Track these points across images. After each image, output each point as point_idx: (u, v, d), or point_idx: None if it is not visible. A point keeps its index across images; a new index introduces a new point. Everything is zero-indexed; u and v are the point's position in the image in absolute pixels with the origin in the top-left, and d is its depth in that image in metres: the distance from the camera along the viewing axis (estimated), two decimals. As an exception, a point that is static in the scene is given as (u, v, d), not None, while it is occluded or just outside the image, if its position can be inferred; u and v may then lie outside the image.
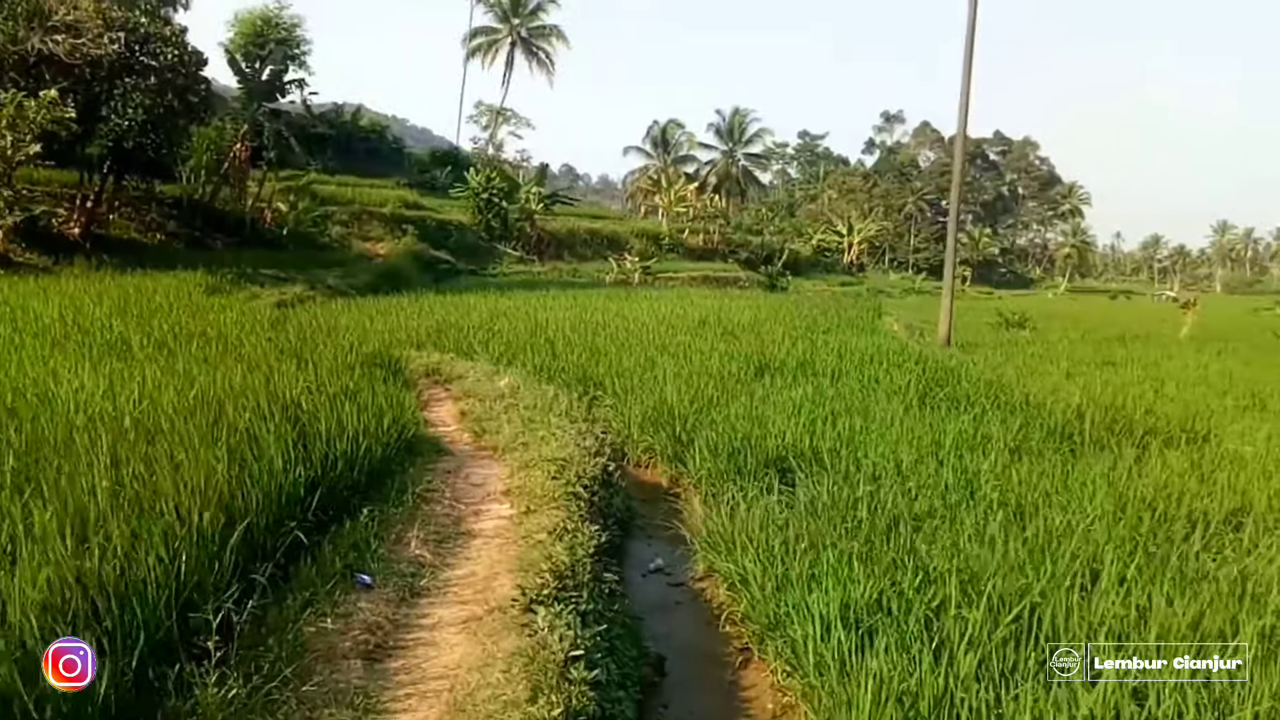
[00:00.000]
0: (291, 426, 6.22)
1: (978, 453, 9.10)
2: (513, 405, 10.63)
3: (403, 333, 16.86)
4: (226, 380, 7.32)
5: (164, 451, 5.19)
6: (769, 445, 8.94)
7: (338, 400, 7.38)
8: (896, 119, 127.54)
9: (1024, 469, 8.32)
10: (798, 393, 11.54)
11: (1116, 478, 8.14)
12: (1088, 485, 7.83)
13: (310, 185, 35.93)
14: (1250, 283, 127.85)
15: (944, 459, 8.81)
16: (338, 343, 11.28)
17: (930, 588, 5.31)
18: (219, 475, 4.88)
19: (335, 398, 7.49)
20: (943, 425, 10.10)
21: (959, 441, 9.38)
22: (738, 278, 49.81)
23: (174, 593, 3.83)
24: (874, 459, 8.61)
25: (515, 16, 61.67)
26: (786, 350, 15.39)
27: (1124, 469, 8.47)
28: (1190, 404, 12.36)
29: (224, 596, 4.09)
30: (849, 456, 8.75)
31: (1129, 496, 7.49)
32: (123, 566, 3.76)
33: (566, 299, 25.19)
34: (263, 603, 4.39)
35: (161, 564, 3.87)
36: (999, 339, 23.68)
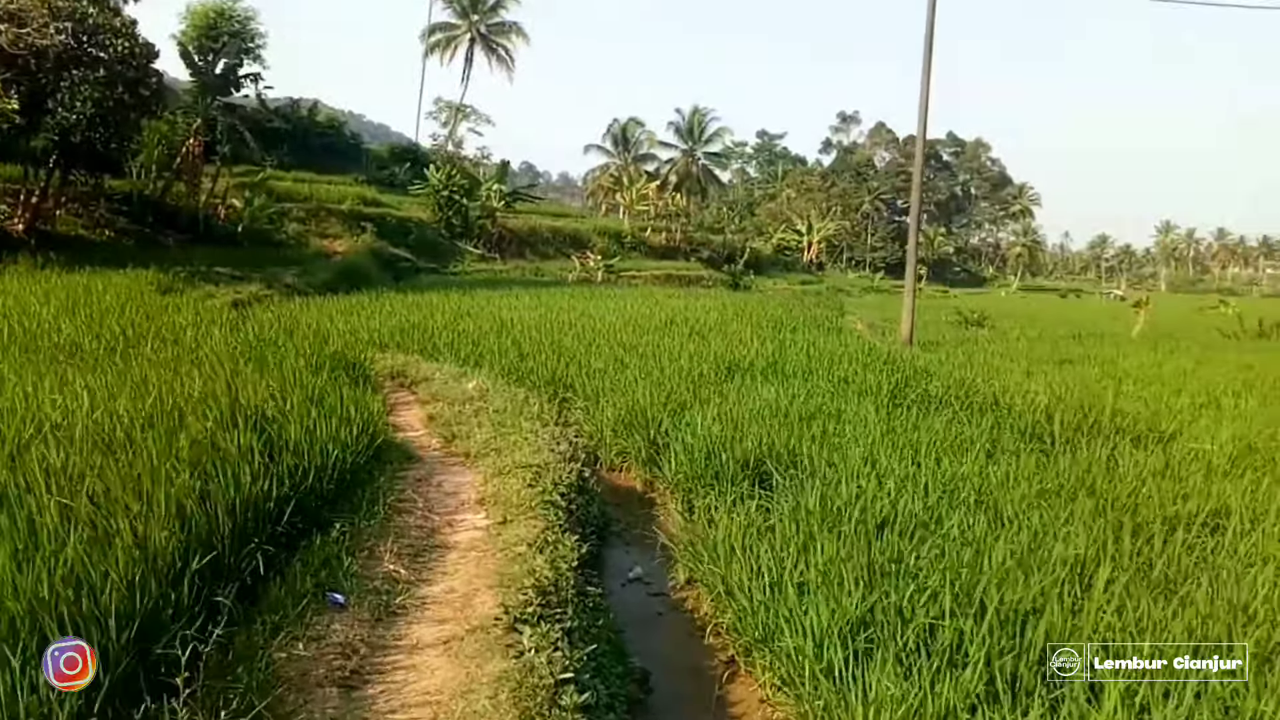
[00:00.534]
0: (257, 436, 5.92)
1: (954, 455, 9.05)
2: (482, 409, 10.37)
3: (365, 333, 16.47)
4: (186, 386, 6.99)
5: (121, 466, 4.88)
6: (745, 448, 8.77)
7: (304, 406, 7.08)
8: (852, 120, 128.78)
9: (1001, 471, 8.24)
10: (770, 393, 11.40)
11: (1091, 479, 8.10)
12: (1066, 487, 7.78)
13: (266, 181, 35.17)
14: (1193, 281, 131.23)
15: (921, 461, 8.74)
16: (299, 345, 10.91)
17: (923, 595, 5.18)
18: (180, 491, 4.59)
19: (301, 404, 7.19)
20: (916, 426, 10.02)
21: (935, 443, 9.30)
22: (700, 276, 49.72)
23: (134, 624, 3.55)
24: (852, 462, 8.49)
25: (474, 13, 61.00)
26: (755, 350, 15.26)
27: (1099, 470, 8.44)
28: (1151, 403, 12.44)
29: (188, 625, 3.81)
30: (827, 459, 8.63)
31: (1107, 499, 7.44)
32: (77, 597, 3.48)
33: (531, 298, 24.86)
34: (229, 630, 4.11)
35: (119, 593, 3.58)
36: (959, 337, 23.87)
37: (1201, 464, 8.96)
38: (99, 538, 3.97)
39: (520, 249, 47.08)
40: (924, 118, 21.49)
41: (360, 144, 55.94)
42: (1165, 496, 7.46)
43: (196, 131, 30.03)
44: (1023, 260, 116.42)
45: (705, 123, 76.04)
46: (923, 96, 21.17)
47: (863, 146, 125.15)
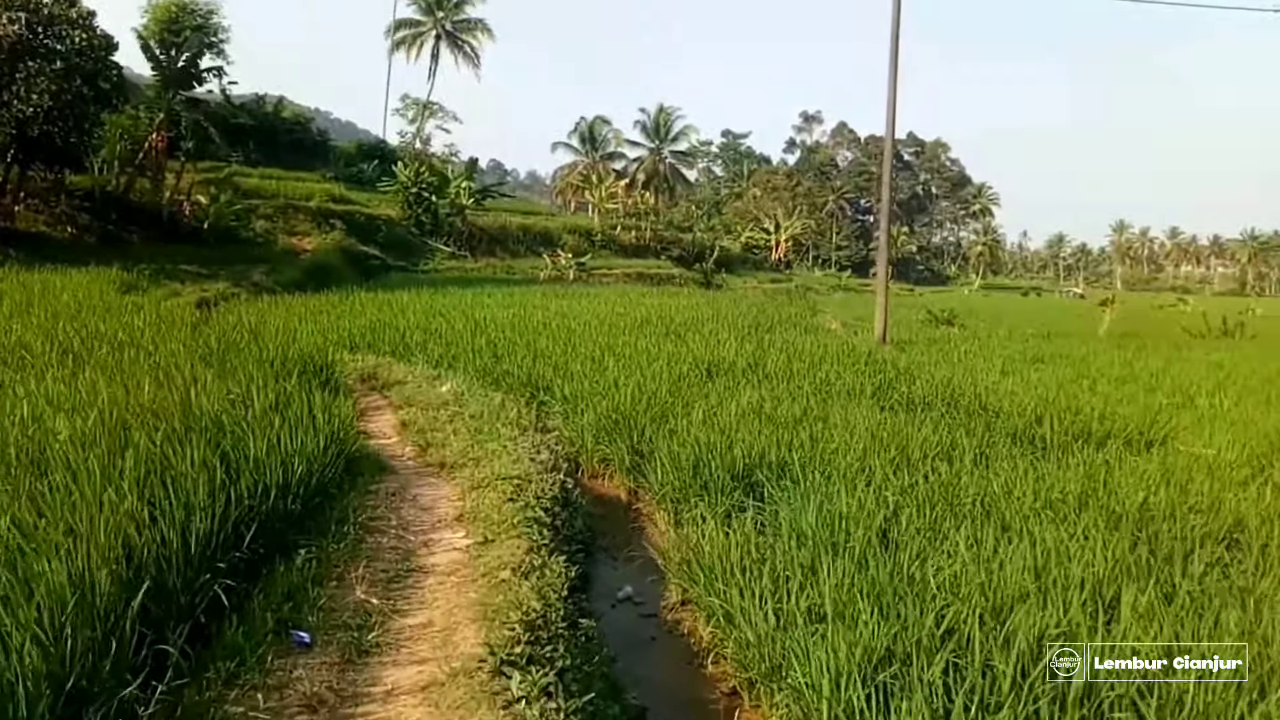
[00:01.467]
0: (213, 451, 5.41)
1: (948, 460, 8.72)
2: (458, 414, 9.90)
3: (335, 334, 15.90)
4: (137, 395, 6.44)
5: (58, 488, 4.36)
6: (734, 455, 8.36)
7: (267, 416, 6.57)
8: (815, 119, 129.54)
9: (1000, 479, 7.90)
10: (753, 397, 11.00)
11: (1094, 486, 7.78)
12: (1069, 496, 7.45)
13: (232, 177, 34.33)
14: (1147, 280, 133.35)
15: (915, 467, 8.39)
16: (265, 347, 10.33)
17: (944, 624, 4.79)
18: (124, 518, 4.08)
19: (265, 413, 6.68)
20: (905, 431, 9.64)
21: (926, 449, 8.95)
22: (671, 275, 49.29)
23: (63, 689, 3.04)
24: (844, 469, 8.12)
25: (440, 9, 60.24)
26: (735, 351, 14.86)
27: (1099, 477, 8.12)
28: (1127, 403, 12.23)
29: (130, 678, 3.31)
30: (819, 467, 8.26)
31: (1116, 510, 7.11)
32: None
33: (503, 297, 24.34)
34: (178, 682, 3.61)
35: (42, 647, 3.08)
36: (931, 336, 23.63)
37: (1202, 470, 8.68)
38: (19, 580, 3.44)
39: (491, 247, 46.39)
40: (892, 119, 21.27)
41: (327, 141, 54.93)
42: (1176, 508, 7.14)
43: (159, 126, 29.11)
44: (984, 259, 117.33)
45: (671, 121, 75.78)
46: (890, 98, 20.92)
47: (826, 146, 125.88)
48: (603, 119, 74.74)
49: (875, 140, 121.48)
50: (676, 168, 77.82)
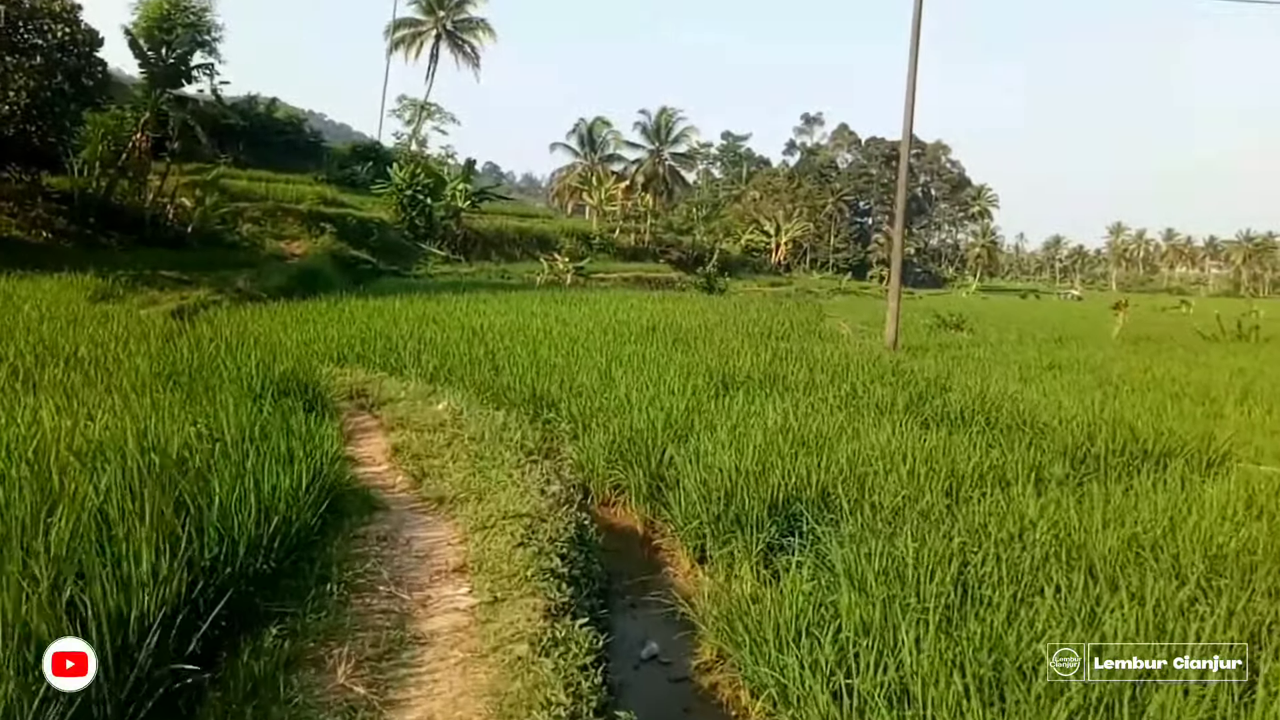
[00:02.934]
0: (171, 499, 4.49)
1: (1002, 485, 7.85)
2: (456, 436, 8.99)
3: (321, 344, 14.98)
4: (84, 427, 5.51)
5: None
6: (770, 483, 7.45)
7: (240, 449, 5.64)
8: (815, 121, 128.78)
9: (1068, 509, 7.01)
10: (777, 412, 10.10)
11: (1178, 517, 6.89)
12: (1157, 531, 6.55)
13: (219, 179, 33.24)
14: (1143, 281, 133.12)
15: (969, 495, 7.52)
16: (242, 362, 9.39)
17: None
18: (40, 607, 3.16)
19: (237, 445, 5.75)
20: (949, 450, 8.75)
21: (979, 473, 8.07)
22: (671, 279, 48.43)
23: None
24: (892, 498, 7.24)
25: (441, 9, 59.44)
26: (749, 360, 13.96)
27: (1180, 507, 7.22)
28: (1174, 415, 11.41)
29: None
30: (864, 496, 7.38)
31: (1211, 550, 6.21)
32: None
33: (500, 302, 23.41)
34: None
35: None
36: (942, 341, 22.79)
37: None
38: None
39: (486, 250, 45.45)
40: (909, 125, 20.39)
41: (321, 142, 53.89)
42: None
43: (144, 125, 28.09)
44: (982, 261, 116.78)
45: (673, 123, 75.12)
46: (908, 103, 20.06)
47: (826, 148, 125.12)
48: (603, 120, 73.88)
49: (876, 142, 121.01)
50: (676, 170, 77.10)
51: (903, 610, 5.00)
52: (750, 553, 6.99)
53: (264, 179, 38.64)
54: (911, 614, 4.93)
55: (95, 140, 25.94)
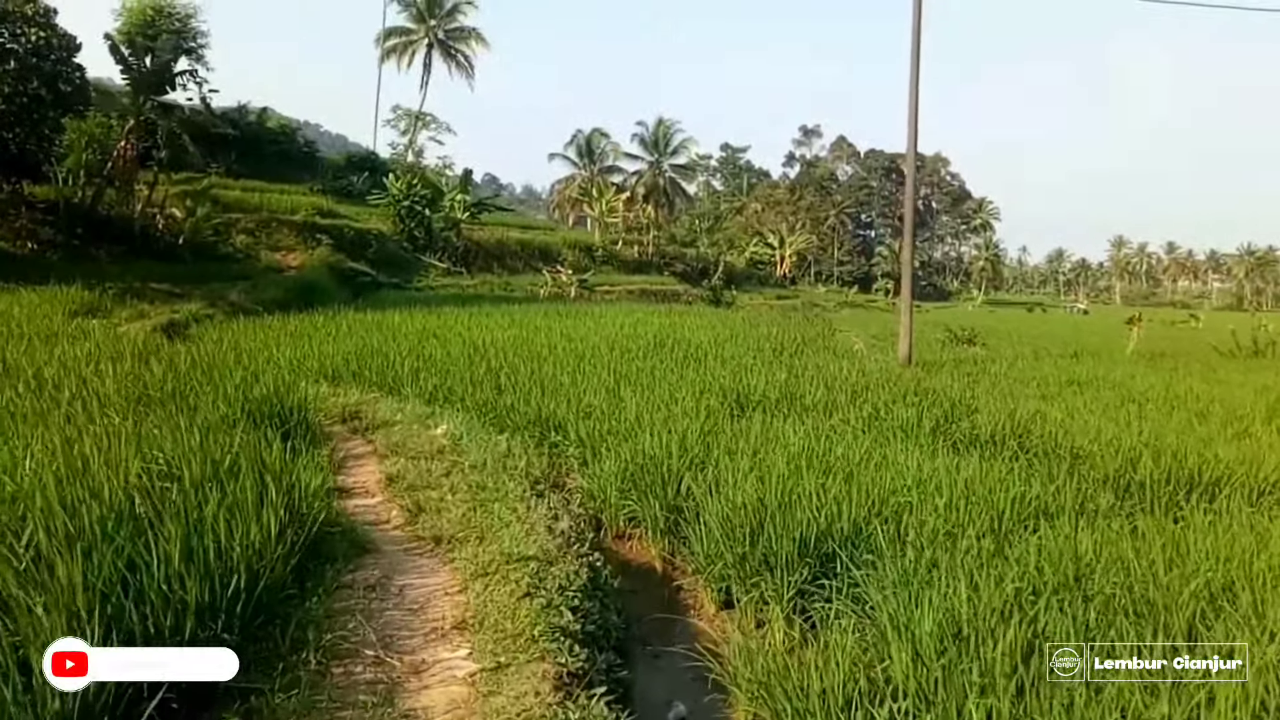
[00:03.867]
0: (102, 566, 3.80)
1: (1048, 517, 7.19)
2: (456, 465, 8.31)
3: (315, 361, 14.30)
4: (17, 469, 4.81)
5: None
6: (798, 519, 6.77)
7: (201, 491, 4.96)
8: (814, 133, 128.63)
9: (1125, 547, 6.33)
10: (798, 435, 9.44)
11: (1249, 559, 6.20)
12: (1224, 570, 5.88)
13: (210, 189, 32.55)
14: (1146, 295, 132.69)
15: (1009, 531, 6.87)
16: (223, 383, 8.69)
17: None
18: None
19: (200, 486, 5.07)
20: (985, 479, 8.06)
21: (1021, 506, 7.40)
22: (676, 291, 47.70)
23: None
24: (931, 535, 6.57)
25: (431, 17, 58.95)
26: (764, 378, 13.28)
27: (1248, 548, 6.53)
28: (1182, 434, 10.76)
29: None
30: (901, 532, 6.73)
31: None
32: None
33: (503, 316, 22.72)
34: None
35: None
36: (956, 356, 22.10)
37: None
38: None
39: (488, 262, 44.74)
40: (913, 138, 19.82)
41: (315, 152, 53.11)
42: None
43: (129, 133, 27.38)
44: (986, 274, 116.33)
45: (671, 134, 74.63)
46: (911, 116, 19.51)
47: (825, 160, 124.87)
48: (601, 131, 73.57)
49: (875, 154, 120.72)
50: (676, 181, 76.60)
51: (967, 685, 4.32)
52: (781, 597, 6.35)
53: (257, 189, 37.83)
54: (968, 673, 4.26)
55: (79, 148, 25.24)
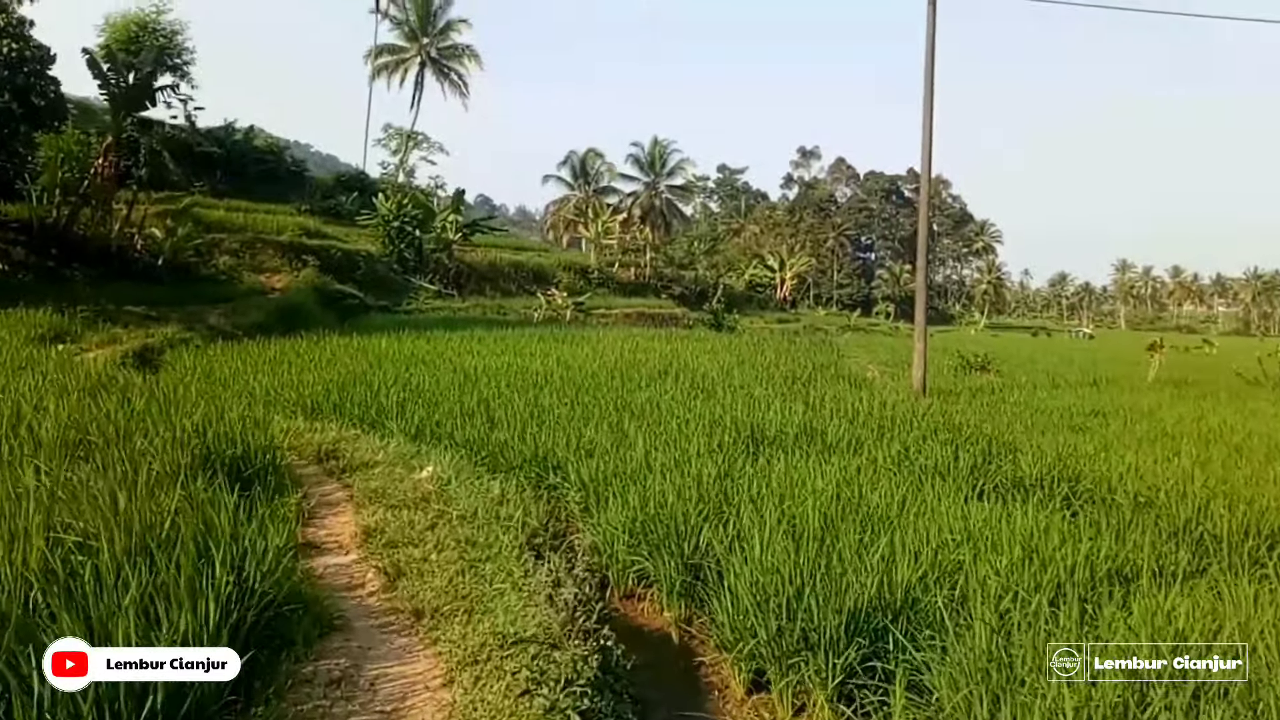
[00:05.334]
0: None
1: (1122, 582, 6.23)
2: (442, 515, 7.29)
3: (293, 391, 13.30)
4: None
5: None
6: (842, 587, 5.76)
7: (126, 569, 3.95)
8: (812, 155, 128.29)
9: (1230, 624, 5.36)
10: (825, 478, 8.45)
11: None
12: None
13: (192, 208, 31.51)
14: (1152, 320, 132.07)
15: (1085, 595, 5.90)
16: (180, 422, 7.65)
17: None
18: None
19: (124, 562, 4.06)
20: (1043, 531, 7.07)
21: (1092, 563, 6.42)
22: (675, 315, 46.67)
23: None
24: (992, 606, 5.58)
25: (424, 35, 58.18)
26: (780, 411, 12.28)
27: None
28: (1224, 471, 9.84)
29: None
30: (958, 598, 5.76)
31: None
32: None
33: (495, 341, 21.73)
34: None
35: None
36: (971, 384, 21.13)
37: None
38: None
39: (480, 285, 43.68)
40: (928, 161, 19.06)
41: (302, 171, 51.95)
42: None
43: (107, 150, 26.34)
44: (988, 298, 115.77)
45: (667, 155, 74.07)
46: (925, 136, 18.74)
47: (824, 181, 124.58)
48: (595, 152, 72.88)
49: (875, 176, 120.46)
50: (673, 202, 76.00)
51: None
52: (826, 682, 5.33)
53: (242, 209, 36.69)
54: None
55: (54, 166, 24.20)
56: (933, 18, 18.46)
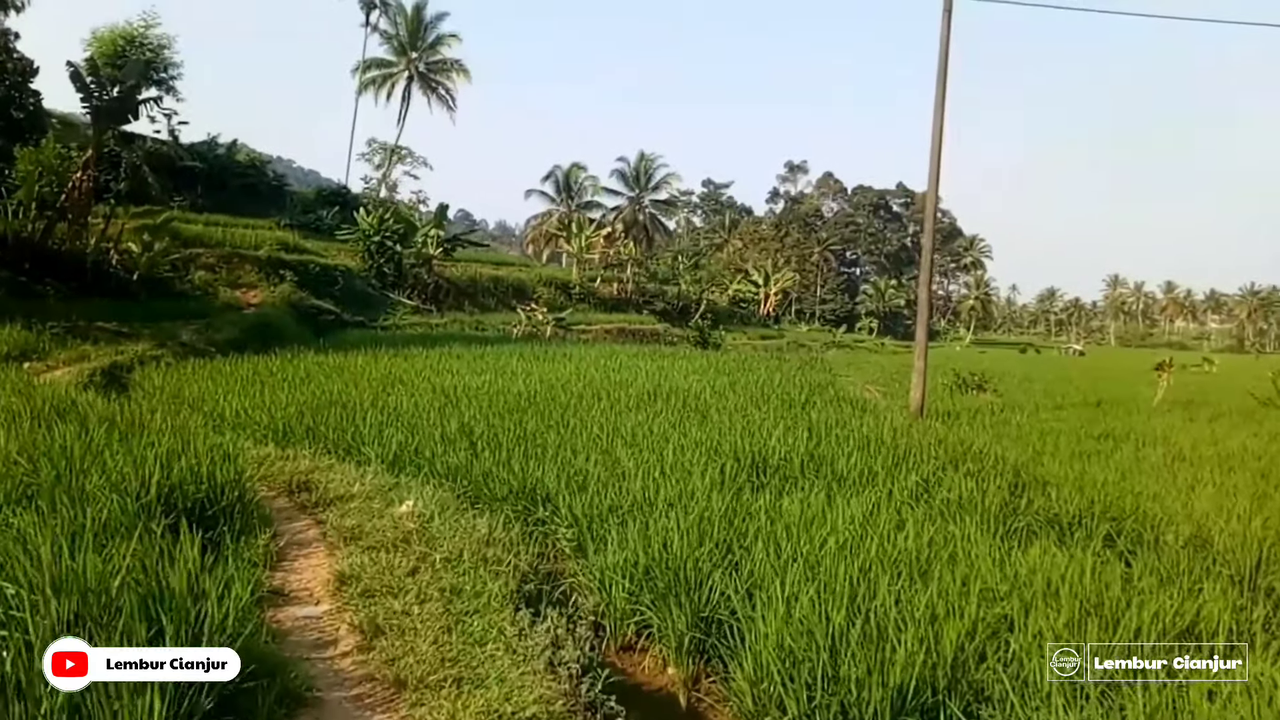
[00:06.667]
0: None
1: (1194, 640, 5.59)
2: (424, 558, 6.55)
3: (265, 414, 12.49)
4: None
5: None
6: (888, 656, 5.07)
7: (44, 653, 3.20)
8: (800, 169, 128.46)
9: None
10: (843, 516, 7.78)
11: None
12: None
13: (170, 223, 30.63)
14: (1143, 336, 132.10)
15: (1158, 658, 5.25)
16: (142, 452, 6.88)
17: None
18: None
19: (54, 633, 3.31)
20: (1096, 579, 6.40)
21: (1161, 622, 5.78)
22: (657, 331, 46.04)
23: None
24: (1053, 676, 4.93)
25: (413, 50, 57.71)
26: (782, 437, 11.54)
27: None
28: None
29: None
30: (1013, 665, 5.10)
31: None
32: None
33: (475, 359, 20.96)
34: None
35: None
36: (969, 405, 20.54)
37: None
38: None
39: (459, 300, 42.92)
40: (935, 176, 18.66)
41: (283, 186, 51.06)
42: None
43: (86, 164, 25.53)
44: (975, 314, 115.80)
45: (653, 169, 73.80)
46: (935, 147, 18.30)
47: (810, 196, 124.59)
48: (579, 166, 72.36)
49: (863, 190, 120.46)
50: (657, 217, 75.66)
51: None
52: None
53: (221, 223, 35.86)
54: None
55: (32, 179, 23.35)
56: (947, 29, 17.94)
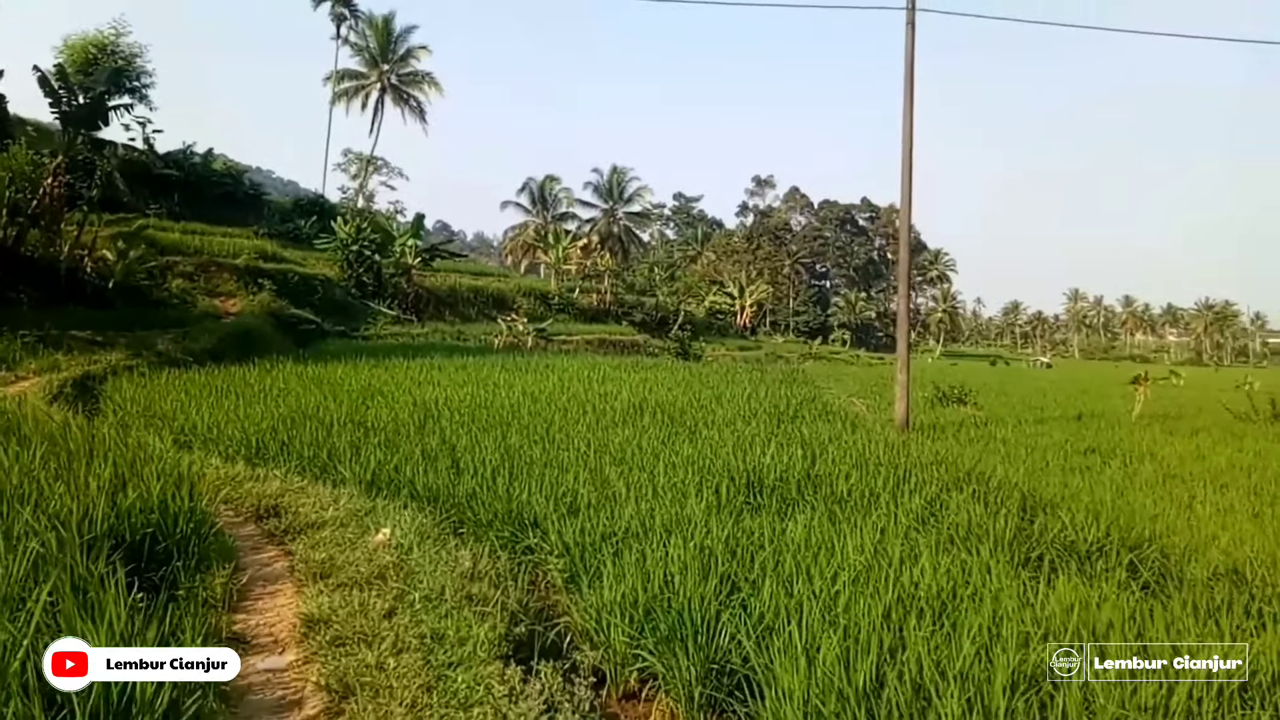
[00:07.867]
0: None
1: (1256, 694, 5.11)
2: (402, 597, 5.97)
3: (238, 428, 11.87)
4: None
5: None
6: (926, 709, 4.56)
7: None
8: (767, 183, 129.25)
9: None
10: (849, 545, 7.26)
11: None
12: None
13: (144, 230, 30.02)
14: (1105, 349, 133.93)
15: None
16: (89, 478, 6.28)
17: None
18: None
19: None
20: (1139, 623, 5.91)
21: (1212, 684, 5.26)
22: (637, 342, 45.63)
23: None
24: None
25: (384, 62, 57.44)
26: (774, 455, 11.05)
27: None
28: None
29: None
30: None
31: None
32: None
33: (456, 370, 20.41)
34: None
35: None
36: (952, 418, 20.18)
37: None
38: None
39: (439, 310, 42.36)
40: (908, 189, 18.39)
41: (261, 194, 50.46)
42: None
43: (56, 170, 24.89)
44: (944, 326, 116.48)
45: (625, 182, 74.01)
46: (905, 162, 18.09)
47: (778, 210, 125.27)
48: (553, 178, 72.42)
49: (829, 205, 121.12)
50: (631, 229, 75.66)
51: None
52: None
53: (198, 232, 35.36)
54: None
55: (2, 185, 22.69)
56: (911, 42, 17.80)
